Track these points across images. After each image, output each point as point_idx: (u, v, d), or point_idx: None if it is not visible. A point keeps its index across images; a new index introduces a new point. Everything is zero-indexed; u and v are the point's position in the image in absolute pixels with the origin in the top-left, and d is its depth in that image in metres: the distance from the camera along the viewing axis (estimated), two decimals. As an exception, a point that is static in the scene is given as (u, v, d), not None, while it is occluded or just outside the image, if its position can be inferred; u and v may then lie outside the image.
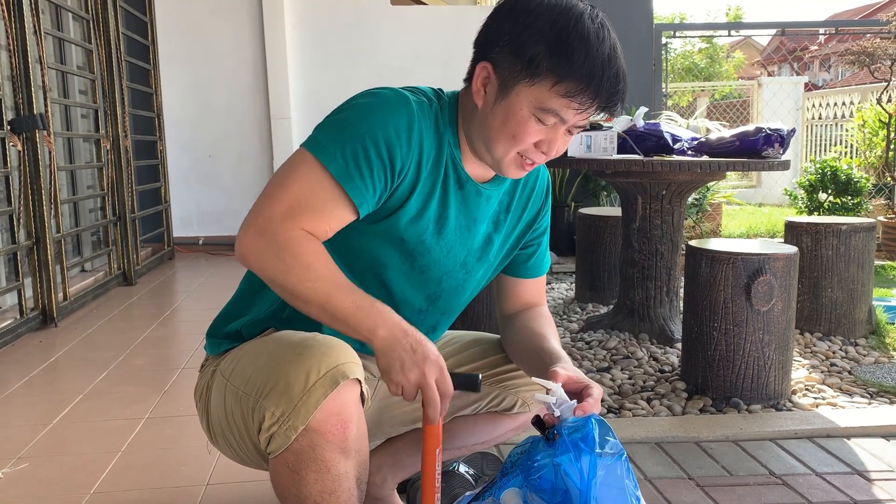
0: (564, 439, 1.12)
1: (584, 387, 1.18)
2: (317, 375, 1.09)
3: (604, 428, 1.15)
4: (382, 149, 1.16)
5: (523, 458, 1.20)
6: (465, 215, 1.31)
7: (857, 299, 3.14)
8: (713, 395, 2.48)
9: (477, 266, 1.37)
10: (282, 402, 1.09)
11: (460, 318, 2.33)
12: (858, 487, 1.90)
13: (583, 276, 3.88)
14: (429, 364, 1.12)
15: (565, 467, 1.10)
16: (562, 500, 1.09)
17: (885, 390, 2.58)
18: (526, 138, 1.19)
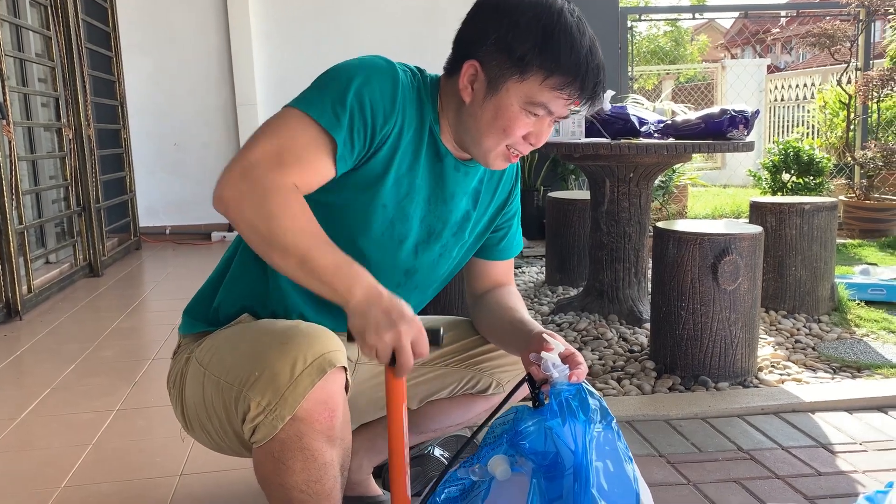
0: (554, 404, 1.15)
1: (570, 354, 1.21)
2: (303, 364, 1.09)
3: (593, 395, 1.18)
4: (367, 108, 1.17)
5: (508, 427, 1.22)
6: (442, 188, 1.32)
7: (819, 277, 3.21)
8: (682, 373, 2.53)
9: (453, 242, 1.38)
10: (268, 391, 1.09)
11: (433, 304, 2.34)
12: (823, 460, 1.95)
13: (552, 260, 3.91)
14: (405, 324, 1.10)
15: (557, 431, 1.12)
16: (553, 461, 1.12)
17: (847, 365, 2.65)
18: (516, 132, 1.22)
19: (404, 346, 1.09)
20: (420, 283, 1.39)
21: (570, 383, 1.18)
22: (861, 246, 4.83)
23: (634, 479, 1.10)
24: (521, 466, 1.19)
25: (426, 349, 1.13)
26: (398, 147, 1.24)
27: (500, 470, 1.19)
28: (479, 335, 1.52)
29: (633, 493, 1.08)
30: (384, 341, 1.08)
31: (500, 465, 1.19)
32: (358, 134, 1.17)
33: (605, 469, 1.09)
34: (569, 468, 1.10)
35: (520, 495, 1.22)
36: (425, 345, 1.13)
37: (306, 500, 1.14)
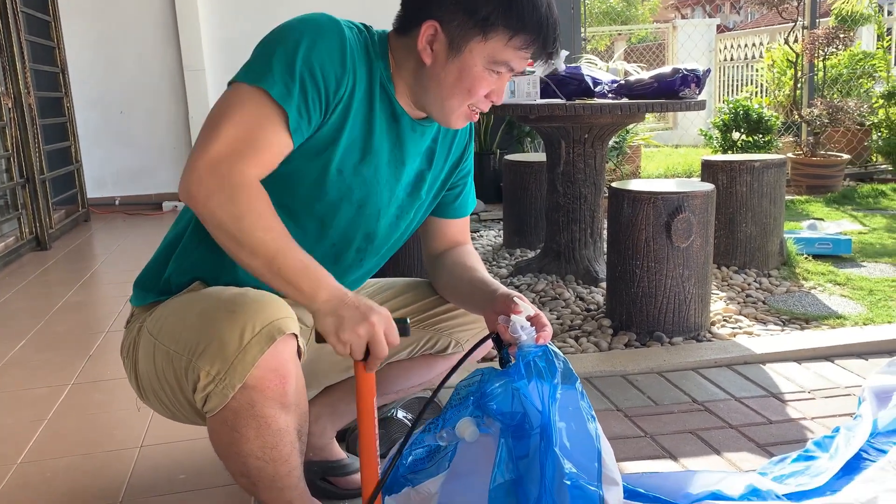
0: (521, 365, 1.16)
1: (536, 316, 1.23)
2: (252, 332, 1.08)
3: (558, 357, 1.19)
4: (318, 75, 1.15)
5: (475, 389, 1.23)
6: (399, 149, 1.31)
7: (769, 233, 3.29)
8: (637, 330, 2.58)
9: (409, 203, 1.38)
10: (217, 360, 1.08)
11: (392, 268, 2.34)
12: (774, 409, 2.02)
13: (510, 223, 3.93)
14: (376, 317, 1.12)
15: (524, 391, 1.14)
16: (520, 421, 1.14)
17: (796, 317, 2.73)
18: (480, 91, 1.23)
19: (379, 336, 1.12)
20: (379, 245, 1.38)
21: (536, 345, 1.20)
22: (808, 202, 4.96)
23: (597, 437, 1.13)
24: (488, 427, 1.21)
25: (398, 338, 1.16)
26: (350, 109, 1.22)
27: (468, 432, 1.21)
28: (437, 295, 1.52)
29: (594, 451, 1.11)
30: (359, 335, 1.11)
31: (468, 428, 1.21)
32: (313, 103, 1.15)
33: (568, 429, 1.11)
34: (536, 428, 1.12)
35: (487, 455, 1.24)
36: (396, 333, 1.15)
37: (263, 467, 1.15)
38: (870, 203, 4.92)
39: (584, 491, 1.05)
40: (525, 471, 1.12)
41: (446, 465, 1.34)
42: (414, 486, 1.39)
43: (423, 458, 1.39)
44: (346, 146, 1.24)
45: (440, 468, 1.36)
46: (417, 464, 1.39)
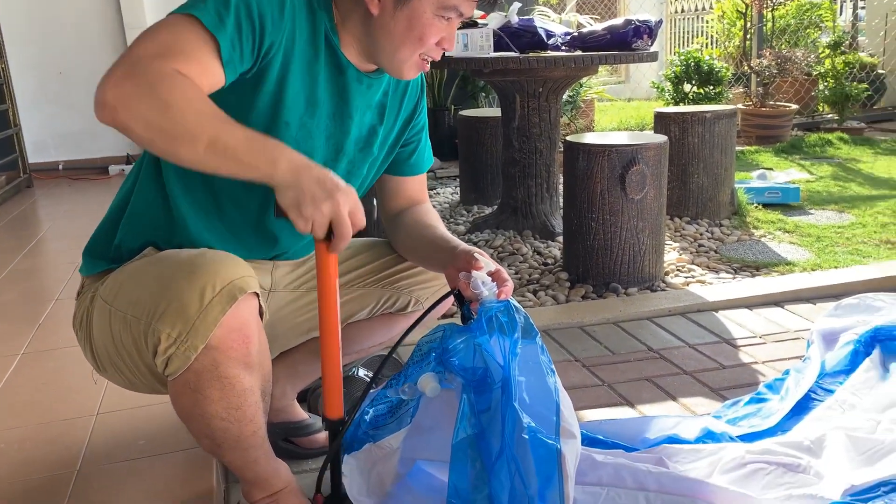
0: (483, 321, 1.17)
1: (497, 272, 1.24)
2: (212, 292, 1.06)
3: (519, 311, 1.20)
4: (254, 11, 1.11)
5: (436, 345, 1.24)
6: (346, 102, 1.29)
7: (720, 183, 3.34)
8: (594, 282, 2.61)
9: (360, 158, 1.35)
10: (177, 322, 1.06)
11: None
12: (727, 354, 2.08)
13: (466, 179, 3.92)
14: (341, 194, 1.05)
15: (486, 347, 1.15)
16: (482, 376, 1.14)
17: (747, 265, 2.80)
18: (430, 39, 1.21)
19: (343, 216, 1.05)
20: None
21: (498, 300, 1.20)
22: (758, 152, 5.05)
23: (555, 390, 1.14)
24: (450, 383, 1.22)
25: (363, 219, 1.09)
26: (291, 59, 1.19)
27: (429, 387, 1.21)
28: (396, 254, 1.51)
29: (553, 405, 1.12)
30: (322, 212, 1.04)
31: (429, 383, 1.21)
32: (246, 38, 1.10)
33: (527, 383, 1.13)
34: (497, 382, 1.13)
35: (448, 410, 1.25)
36: (363, 214, 1.09)
37: (227, 427, 1.14)
38: (817, 152, 5.03)
39: (542, 444, 1.07)
40: (487, 425, 1.14)
41: (408, 421, 1.35)
42: (375, 442, 1.40)
43: (384, 413, 1.40)
44: (291, 98, 1.21)
45: (402, 423, 1.37)
46: (379, 419, 1.40)
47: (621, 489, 1.35)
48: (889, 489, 1.32)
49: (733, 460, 1.44)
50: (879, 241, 3.02)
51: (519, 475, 1.07)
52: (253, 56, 1.14)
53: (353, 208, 1.07)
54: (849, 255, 2.83)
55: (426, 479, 1.34)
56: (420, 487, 1.34)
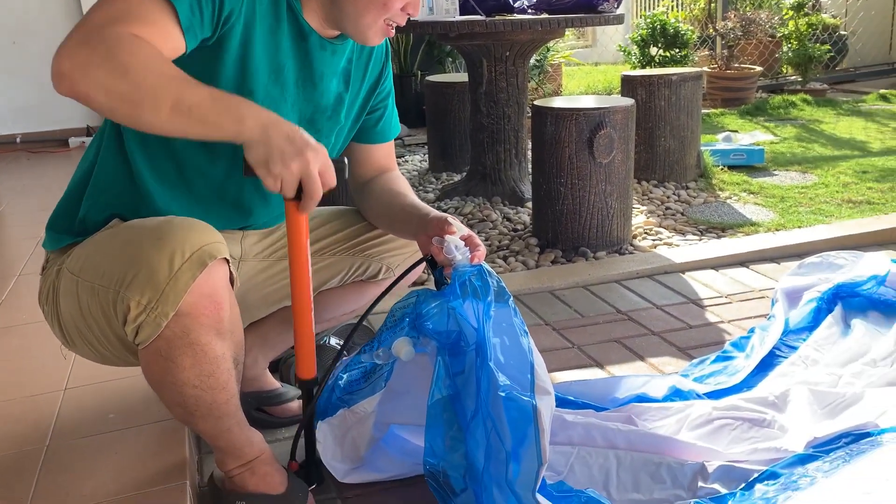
0: (456, 286, 1.17)
1: (469, 237, 1.24)
2: (182, 258, 1.04)
3: (492, 275, 1.21)
4: None
5: (410, 310, 1.24)
6: (310, 69, 1.27)
7: (687, 146, 3.37)
8: (563, 246, 2.63)
9: (328, 127, 1.34)
10: (147, 289, 1.04)
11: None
12: (693, 314, 2.11)
13: (435, 146, 3.89)
14: (311, 152, 1.04)
15: (460, 310, 1.15)
16: (457, 339, 1.15)
17: (713, 226, 2.83)
18: (395, 4, 1.19)
19: (313, 174, 1.05)
20: None
21: (471, 265, 1.21)
22: (723, 114, 5.08)
23: (529, 350, 1.16)
24: (424, 347, 1.23)
25: (334, 178, 1.08)
26: (252, 26, 1.16)
27: (404, 351, 1.22)
28: (366, 222, 1.50)
29: (527, 364, 1.14)
30: (291, 170, 1.03)
31: (404, 347, 1.22)
32: (206, 4, 1.08)
33: (501, 344, 1.14)
34: (471, 345, 1.14)
35: (422, 374, 1.26)
36: (333, 173, 1.08)
37: (200, 395, 1.13)
38: (781, 114, 5.08)
39: (517, 402, 1.08)
40: (462, 386, 1.15)
41: (382, 385, 1.36)
42: (350, 407, 1.41)
43: (358, 378, 1.40)
44: (255, 66, 1.19)
45: (376, 388, 1.38)
46: (353, 385, 1.40)
47: (591, 448, 1.37)
48: (850, 440, 1.36)
49: (700, 417, 1.47)
50: (841, 200, 3.08)
51: (495, 432, 1.08)
52: (213, 23, 1.11)
53: (323, 167, 1.06)
54: (812, 215, 2.88)
55: (400, 442, 1.35)
56: (394, 451, 1.35)
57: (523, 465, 1.06)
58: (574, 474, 1.33)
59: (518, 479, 1.06)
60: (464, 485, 1.14)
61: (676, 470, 1.33)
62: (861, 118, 4.86)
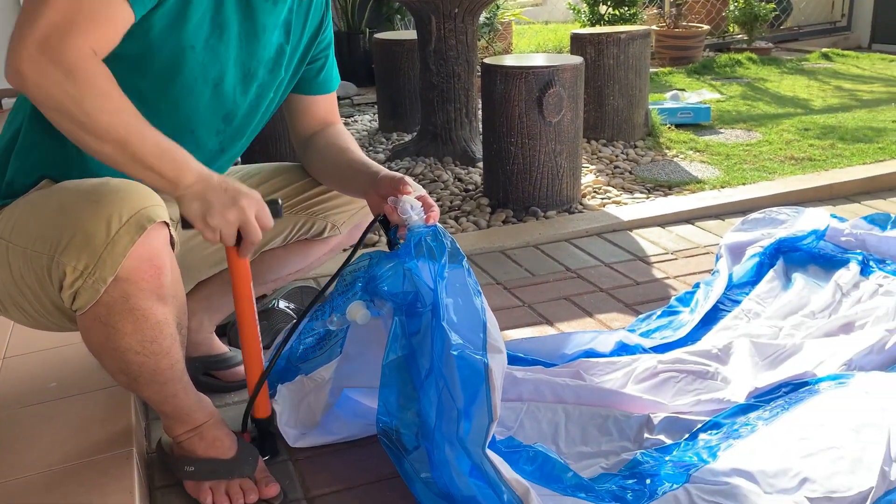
0: (412, 246, 1.17)
1: (423, 197, 1.23)
2: (119, 222, 1.01)
3: (447, 236, 1.20)
4: None
5: (362, 273, 1.23)
6: (253, 21, 1.23)
7: (635, 105, 3.38)
8: (514, 206, 2.63)
9: (269, 80, 1.30)
10: (83, 254, 1.01)
11: (262, 157, 2.25)
12: (640, 271, 2.15)
13: (384, 106, 3.84)
14: (246, 200, 1.09)
15: (416, 271, 1.15)
16: (413, 300, 1.15)
17: (660, 185, 2.87)
18: None
19: (251, 220, 1.10)
20: (240, 128, 1.31)
21: (426, 225, 1.20)
22: (671, 73, 5.12)
23: (482, 310, 1.16)
24: (379, 309, 1.22)
25: (270, 220, 1.14)
26: None
27: (359, 315, 1.21)
28: (309, 178, 1.48)
29: (480, 324, 1.14)
30: (229, 220, 1.08)
31: (359, 311, 1.21)
32: None
33: (455, 304, 1.14)
34: (427, 306, 1.13)
35: (376, 337, 1.26)
36: (269, 216, 1.13)
37: (143, 362, 1.11)
38: (727, 72, 5.14)
39: (469, 360, 1.08)
40: (417, 346, 1.15)
41: (338, 351, 1.36)
42: (307, 374, 1.40)
43: (312, 346, 1.39)
44: (197, 19, 1.14)
45: (332, 354, 1.37)
46: (308, 352, 1.40)
47: (541, 403, 1.39)
48: (789, 389, 1.41)
49: (646, 370, 1.50)
50: (784, 157, 3.14)
51: (447, 390, 1.09)
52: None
53: (259, 211, 1.11)
54: (755, 172, 2.94)
55: (352, 405, 1.35)
56: (346, 414, 1.35)
57: (474, 423, 1.07)
58: (524, 429, 1.35)
59: (469, 437, 1.07)
60: (416, 443, 1.15)
61: (623, 422, 1.36)
62: (804, 77, 4.95)
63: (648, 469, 1.22)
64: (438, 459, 1.11)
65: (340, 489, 1.28)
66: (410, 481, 1.16)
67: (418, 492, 1.15)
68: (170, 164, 1.05)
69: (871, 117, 3.78)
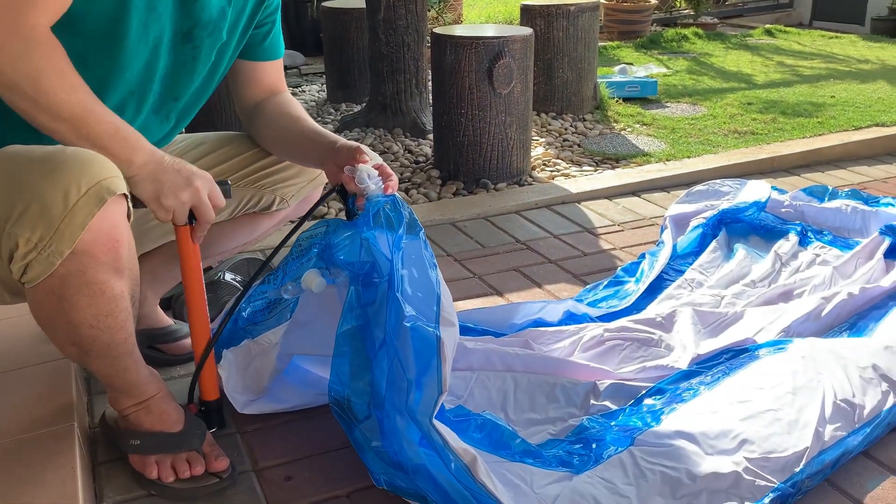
0: (370, 216, 1.16)
1: (381, 166, 1.22)
2: (78, 193, 0.98)
3: (405, 206, 1.19)
4: None
5: (318, 241, 1.22)
6: None
7: (584, 78, 3.40)
8: (464, 178, 2.63)
9: (209, 43, 1.25)
10: (39, 226, 0.97)
11: (208, 128, 2.19)
12: (588, 242, 2.18)
13: (333, 76, 3.78)
14: (198, 180, 1.09)
15: (373, 241, 1.14)
16: (369, 270, 1.14)
17: (607, 157, 2.90)
18: None
19: (204, 200, 1.11)
20: (180, 92, 1.27)
21: (384, 195, 1.19)
22: (619, 47, 5.16)
23: (437, 283, 1.16)
24: (334, 277, 1.21)
25: (223, 200, 1.14)
26: None
27: (315, 283, 1.20)
28: (257, 148, 1.45)
29: (434, 296, 1.14)
30: (182, 200, 1.09)
31: (315, 279, 1.20)
32: None
33: (410, 276, 1.14)
34: (385, 276, 1.13)
35: (329, 304, 1.25)
36: (221, 196, 1.14)
37: (97, 335, 1.08)
38: (674, 47, 5.21)
39: (422, 332, 1.08)
40: (372, 317, 1.14)
41: (288, 316, 1.34)
42: (254, 338, 1.38)
43: (262, 309, 1.37)
44: None
45: (281, 319, 1.36)
46: (257, 315, 1.38)
47: (490, 372, 1.41)
48: (730, 356, 1.46)
49: (593, 339, 1.53)
50: (728, 131, 3.21)
51: (399, 361, 1.09)
52: None
53: (212, 191, 1.12)
54: (700, 145, 2.99)
55: (301, 373, 1.35)
56: (295, 383, 1.35)
57: (425, 393, 1.08)
58: (474, 398, 1.36)
59: (419, 407, 1.08)
60: (368, 412, 1.15)
61: (570, 389, 1.39)
62: (748, 52, 5.05)
63: (594, 434, 1.25)
64: (389, 429, 1.11)
65: (290, 460, 1.28)
66: (361, 450, 1.16)
67: (369, 460, 1.15)
68: (122, 144, 1.06)
69: (811, 92, 3.88)
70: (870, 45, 5.36)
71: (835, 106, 3.55)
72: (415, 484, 1.10)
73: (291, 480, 1.23)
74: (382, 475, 1.14)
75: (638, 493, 1.14)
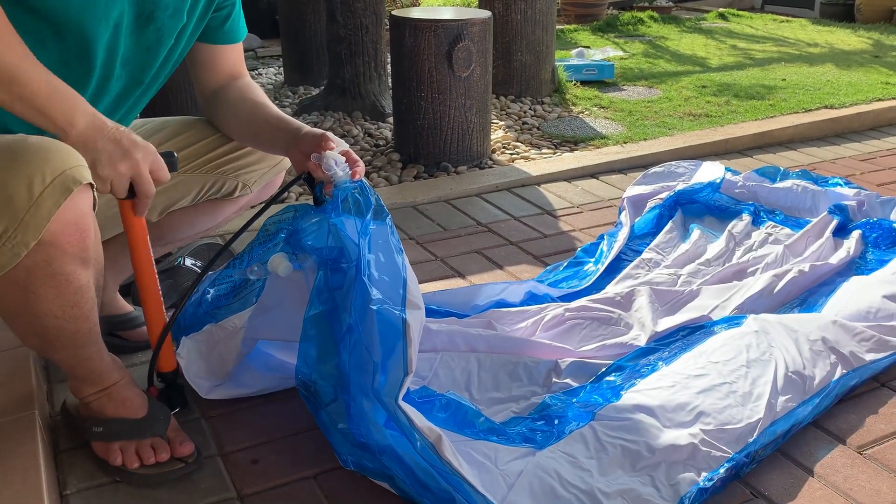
0: (338, 202, 1.16)
1: (347, 152, 1.22)
2: (43, 183, 0.96)
3: (372, 192, 1.20)
4: None
5: (286, 225, 1.21)
6: None
7: (542, 61, 3.43)
8: (425, 162, 2.64)
9: (170, 25, 1.23)
10: (3, 217, 0.95)
11: (166, 112, 2.16)
12: (548, 224, 2.20)
13: (290, 58, 3.74)
14: (139, 151, 1.05)
15: (341, 227, 1.14)
16: (337, 255, 1.14)
17: (566, 140, 2.93)
18: None
19: (143, 174, 1.06)
20: (138, 75, 1.25)
21: (351, 181, 1.19)
22: (576, 30, 5.20)
23: (403, 267, 1.17)
24: (301, 263, 1.21)
25: (166, 174, 1.10)
26: None
27: (281, 267, 1.20)
28: (217, 135, 1.43)
29: (400, 280, 1.15)
30: (120, 172, 1.05)
31: (281, 263, 1.20)
32: None
33: (376, 260, 1.14)
34: (353, 261, 1.13)
35: (295, 289, 1.25)
36: (165, 169, 1.10)
37: (62, 326, 1.07)
38: (630, 30, 5.27)
39: (388, 315, 1.10)
40: (340, 301, 1.15)
41: (253, 301, 1.34)
42: (217, 322, 1.37)
43: (226, 293, 1.37)
44: None
45: (246, 303, 1.35)
46: (220, 300, 1.37)
47: (454, 353, 1.43)
48: (686, 333, 1.50)
49: (554, 318, 1.55)
50: (683, 113, 3.26)
51: (365, 344, 1.10)
52: None
53: (154, 164, 1.08)
54: (656, 128, 3.04)
55: (265, 358, 1.35)
56: (260, 367, 1.35)
57: (390, 376, 1.09)
58: (438, 378, 1.38)
59: (384, 389, 1.09)
60: (334, 395, 1.15)
61: (532, 368, 1.41)
62: (702, 35, 5.13)
63: (556, 411, 1.28)
64: (355, 411, 1.12)
65: (255, 444, 1.28)
66: (328, 432, 1.17)
67: (336, 442, 1.16)
68: (59, 108, 1.01)
69: (763, 75, 3.97)
70: (819, 29, 5.49)
71: (785, 89, 3.64)
72: (381, 464, 1.12)
73: (258, 464, 1.24)
74: (349, 456, 1.16)
75: (599, 466, 1.17)
